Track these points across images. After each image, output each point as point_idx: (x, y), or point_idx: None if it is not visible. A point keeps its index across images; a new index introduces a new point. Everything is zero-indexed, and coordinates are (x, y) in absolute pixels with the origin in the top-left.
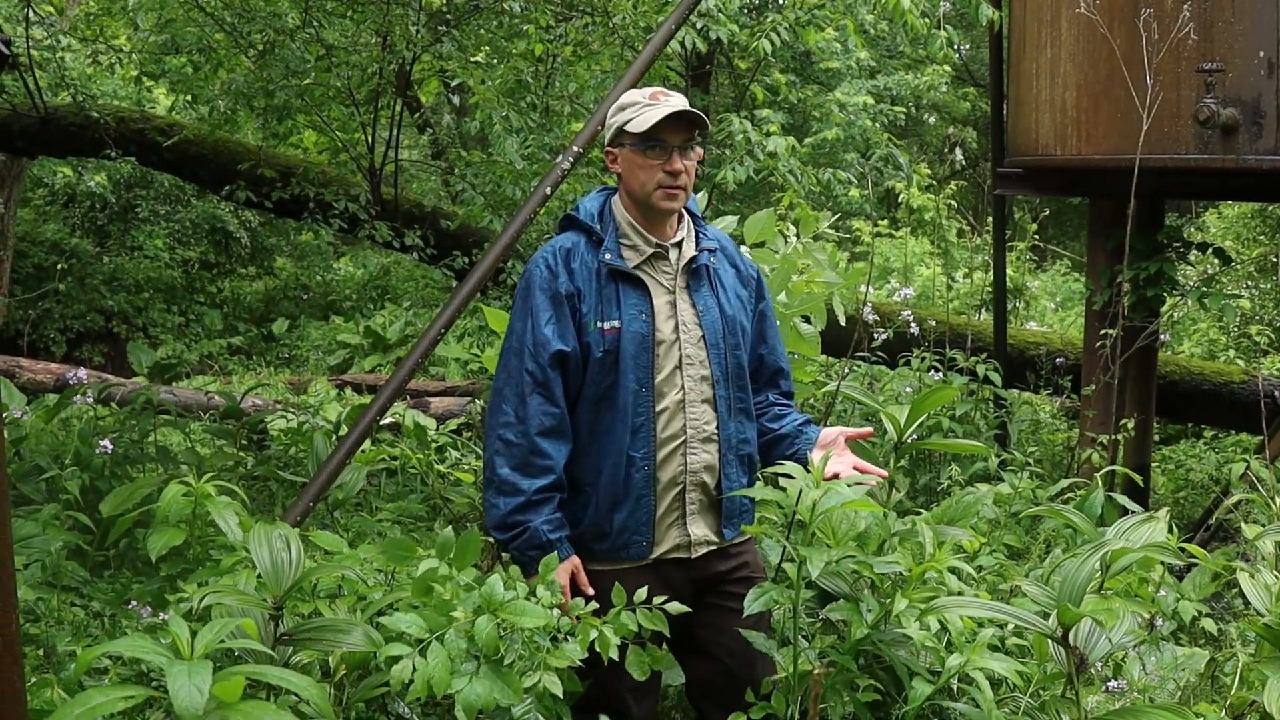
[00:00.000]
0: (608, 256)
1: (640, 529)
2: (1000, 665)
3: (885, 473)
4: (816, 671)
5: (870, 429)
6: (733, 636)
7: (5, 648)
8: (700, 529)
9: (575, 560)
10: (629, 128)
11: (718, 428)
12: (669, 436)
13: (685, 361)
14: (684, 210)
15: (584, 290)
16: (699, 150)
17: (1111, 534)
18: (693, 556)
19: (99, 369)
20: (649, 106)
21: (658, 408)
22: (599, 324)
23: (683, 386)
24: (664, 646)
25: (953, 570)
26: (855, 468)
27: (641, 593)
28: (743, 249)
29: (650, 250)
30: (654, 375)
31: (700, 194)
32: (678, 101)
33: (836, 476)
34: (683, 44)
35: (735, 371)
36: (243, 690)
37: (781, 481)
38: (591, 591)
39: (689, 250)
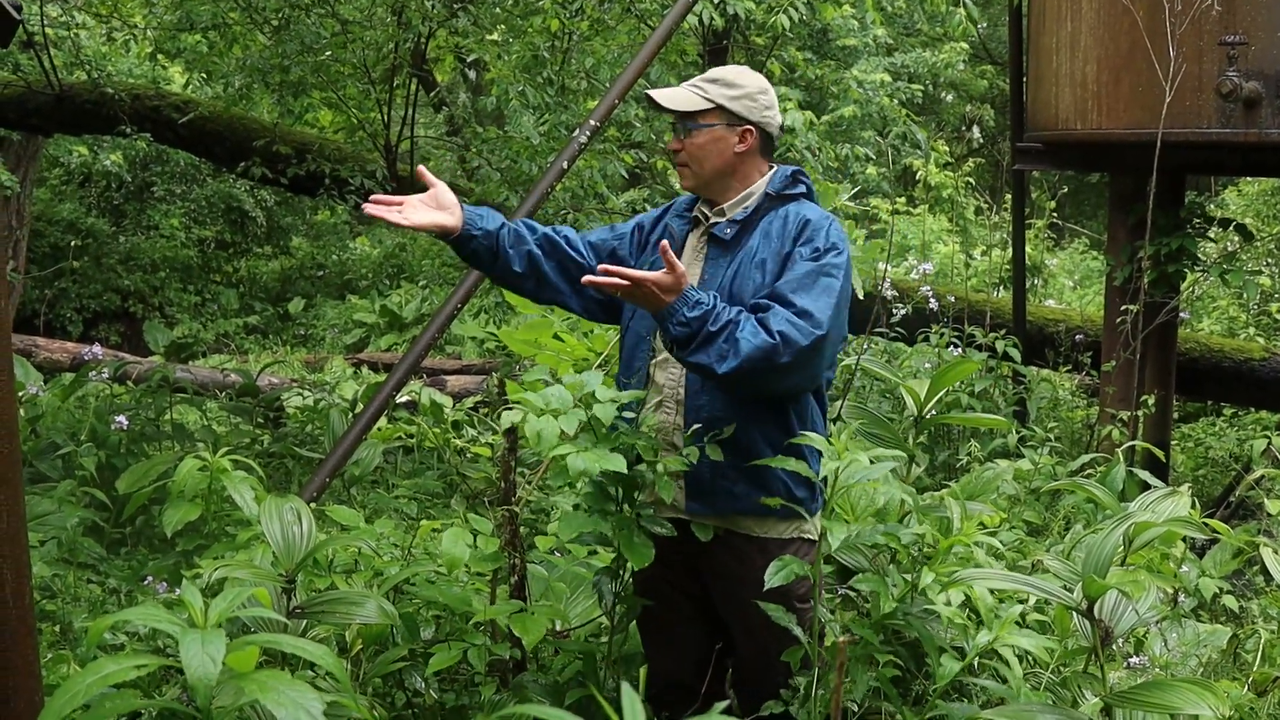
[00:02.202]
0: (668, 218)
1: None
2: (1029, 642)
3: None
4: (842, 640)
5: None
6: (741, 618)
7: (19, 622)
8: (666, 491)
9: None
10: None
11: (684, 396)
12: (655, 389)
13: None
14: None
15: (650, 242)
16: (711, 130)
17: (1135, 507)
18: (656, 514)
19: (115, 348)
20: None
21: (653, 360)
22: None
23: None
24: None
25: (978, 544)
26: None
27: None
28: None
29: (692, 216)
30: (657, 329)
31: None
32: (696, 86)
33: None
34: (700, 19)
35: None
36: (257, 662)
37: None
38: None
39: (718, 220)
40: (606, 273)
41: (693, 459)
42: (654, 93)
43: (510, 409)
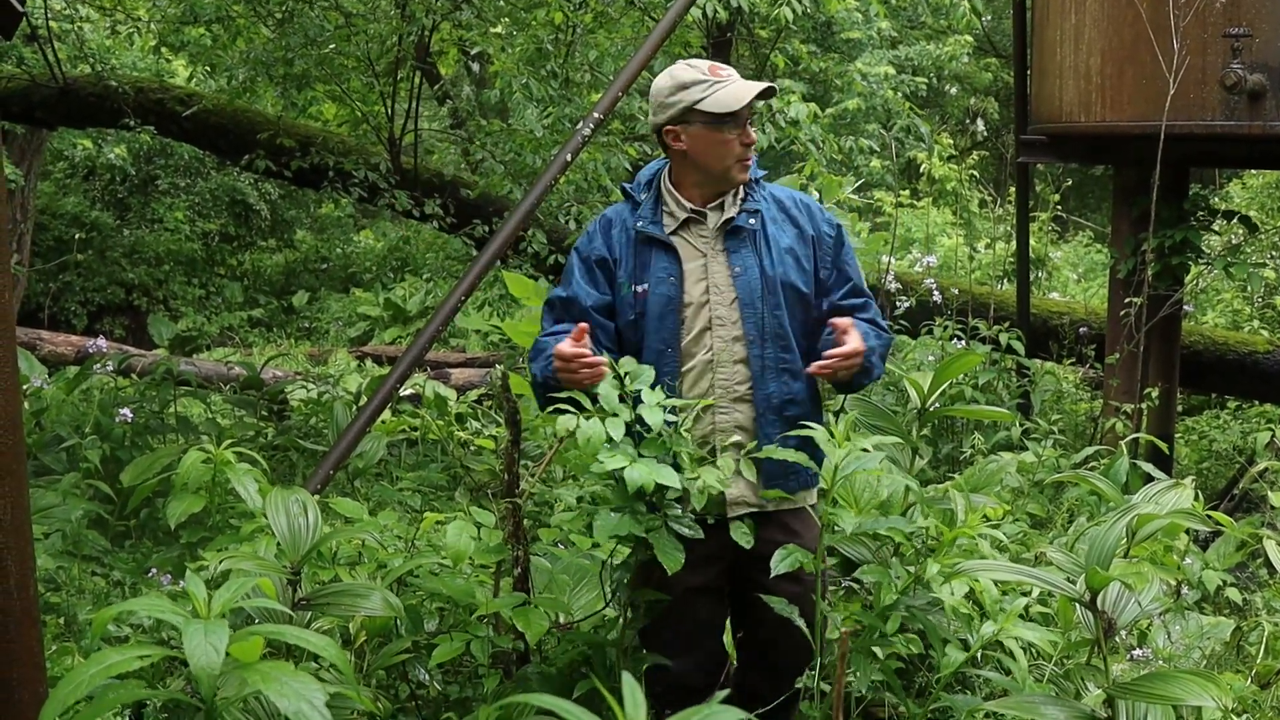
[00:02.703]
0: (640, 224)
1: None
2: (1034, 634)
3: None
4: (844, 630)
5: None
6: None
7: (23, 613)
8: (735, 489)
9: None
10: (702, 107)
11: (752, 388)
12: (696, 396)
13: (716, 323)
14: None
15: (621, 257)
16: None
17: (1139, 499)
18: (729, 515)
19: (120, 341)
20: (719, 83)
21: (684, 367)
22: (633, 288)
23: (712, 347)
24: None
25: (982, 536)
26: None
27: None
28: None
29: (685, 215)
30: (680, 337)
31: None
32: (740, 77)
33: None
34: (704, 12)
35: (776, 332)
36: (261, 653)
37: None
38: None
39: (729, 212)
40: (829, 357)
41: (760, 453)
42: (757, 84)
43: (564, 413)
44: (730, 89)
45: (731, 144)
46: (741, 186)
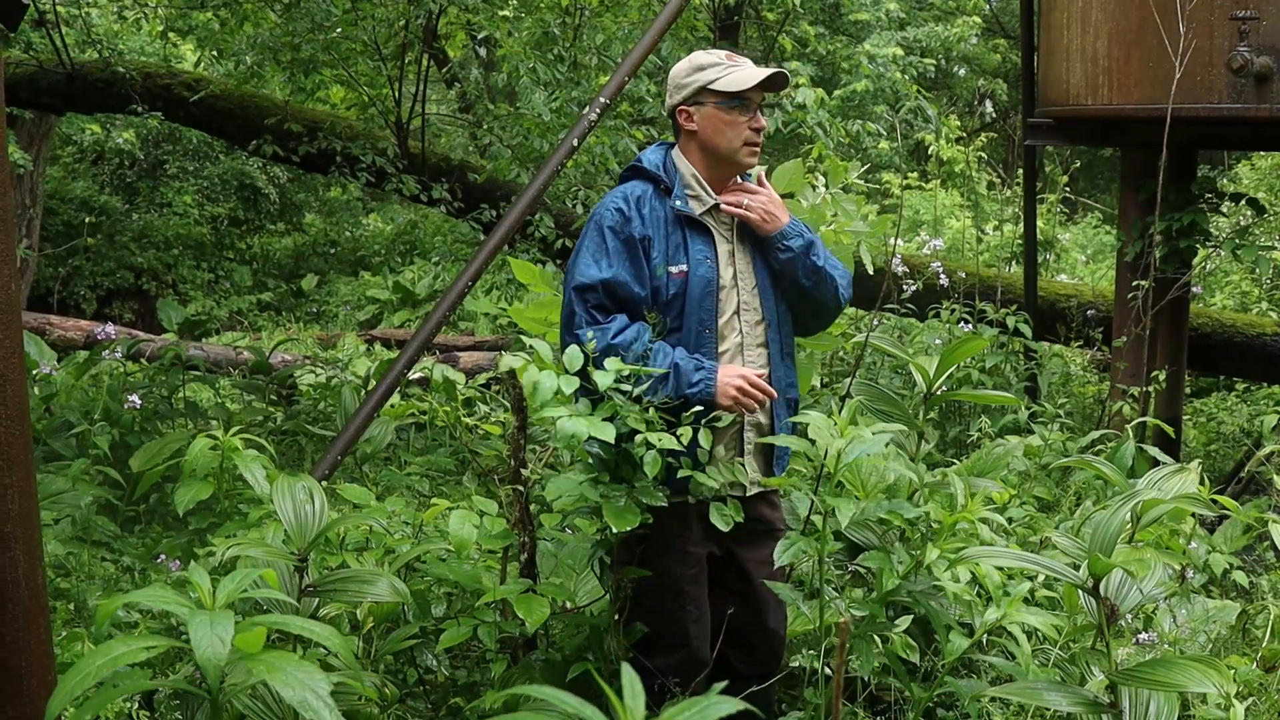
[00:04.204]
0: (677, 204)
1: (698, 466)
2: (1037, 619)
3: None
4: (844, 618)
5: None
6: (760, 584)
7: (32, 602)
8: (754, 469)
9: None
10: (715, 86)
11: (770, 371)
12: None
13: (743, 307)
14: None
15: (653, 236)
16: None
17: (1143, 484)
18: (747, 495)
19: (129, 326)
20: (733, 67)
21: (720, 349)
22: (667, 268)
23: (740, 330)
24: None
25: (984, 521)
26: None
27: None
28: None
29: (712, 202)
30: (717, 318)
31: None
32: (753, 64)
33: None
34: None
35: (784, 317)
36: (266, 642)
37: (810, 432)
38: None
39: None
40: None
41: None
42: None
43: (515, 355)
44: (742, 71)
45: (740, 127)
46: (739, 180)
